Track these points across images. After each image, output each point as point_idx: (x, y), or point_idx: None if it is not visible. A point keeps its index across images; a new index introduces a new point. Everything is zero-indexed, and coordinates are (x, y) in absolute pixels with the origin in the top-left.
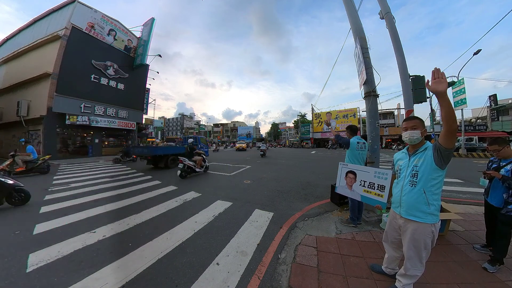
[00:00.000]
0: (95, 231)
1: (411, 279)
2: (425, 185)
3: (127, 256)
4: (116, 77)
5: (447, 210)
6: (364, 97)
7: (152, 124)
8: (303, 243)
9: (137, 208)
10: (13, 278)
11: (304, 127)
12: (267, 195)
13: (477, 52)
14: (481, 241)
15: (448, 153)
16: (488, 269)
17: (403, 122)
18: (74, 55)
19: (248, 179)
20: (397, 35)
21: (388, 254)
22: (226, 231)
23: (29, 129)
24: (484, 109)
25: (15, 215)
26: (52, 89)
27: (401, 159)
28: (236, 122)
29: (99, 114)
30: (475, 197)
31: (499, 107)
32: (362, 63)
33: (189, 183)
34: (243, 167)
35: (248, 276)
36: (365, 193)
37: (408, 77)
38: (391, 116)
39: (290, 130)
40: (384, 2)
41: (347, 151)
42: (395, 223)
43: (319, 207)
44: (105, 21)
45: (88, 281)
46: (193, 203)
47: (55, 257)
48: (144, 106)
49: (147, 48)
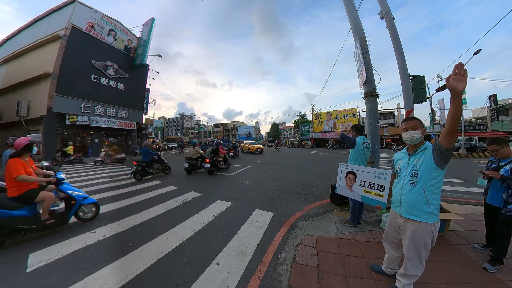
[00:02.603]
0: (95, 231)
1: (411, 279)
2: (425, 184)
3: (127, 256)
4: (116, 77)
5: (447, 210)
6: (364, 97)
7: (152, 124)
8: (303, 243)
9: (137, 208)
10: (13, 278)
11: (304, 127)
12: (267, 195)
13: (477, 52)
14: (481, 241)
15: (447, 153)
16: (488, 269)
17: (403, 123)
18: (74, 55)
19: (248, 179)
20: (397, 35)
21: (388, 254)
22: (226, 231)
23: (29, 129)
24: (484, 109)
25: None
26: (52, 89)
27: (401, 159)
28: (236, 122)
29: (99, 114)
30: (475, 197)
31: (499, 107)
32: (362, 63)
33: (189, 183)
34: (243, 167)
35: (248, 276)
36: (365, 193)
37: (408, 77)
38: (391, 116)
39: (290, 130)
40: (384, 2)
41: (352, 150)
42: (395, 222)
43: (319, 207)
44: (105, 21)
45: (88, 281)
46: (193, 203)
47: (55, 257)
48: (144, 106)
49: (147, 48)
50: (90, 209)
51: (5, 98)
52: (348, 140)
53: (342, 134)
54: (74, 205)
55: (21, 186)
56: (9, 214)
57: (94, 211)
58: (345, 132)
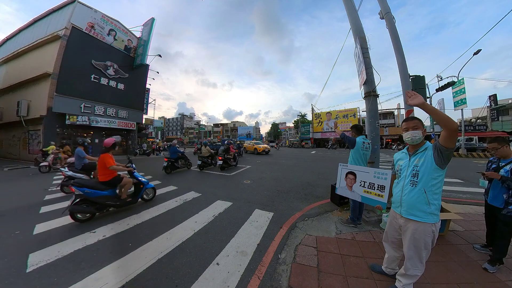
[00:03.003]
0: (95, 231)
1: (411, 279)
2: (425, 184)
3: (127, 256)
4: (116, 77)
5: (447, 210)
6: (364, 97)
7: (152, 124)
8: (303, 243)
9: (137, 208)
10: (13, 278)
11: (304, 127)
12: (267, 195)
13: (477, 52)
14: (481, 241)
15: (448, 153)
16: (488, 269)
17: (403, 123)
18: (74, 55)
19: (248, 179)
20: (397, 35)
21: (388, 254)
22: (226, 231)
23: (29, 129)
24: (484, 109)
25: (15, 215)
26: (52, 89)
27: (401, 159)
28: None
29: (99, 114)
30: (475, 197)
31: (499, 107)
32: (362, 63)
33: (189, 183)
34: (243, 167)
35: (248, 276)
36: (365, 193)
37: (408, 77)
38: (391, 116)
39: (290, 130)
40: (384, 2)
41: (352, 150)
42: (396, 222)
43: (319, 207)
44: (105, 21)
45: (88, 281)
46: (193, 203)
47: (55, 257)
48: (144, 106)
49: (147, 48)
50: (151, 192)
51: (5, 98)
52: (348, 140)
53: (342, 134)
54: (142, 188)
55: (110, 174)
56: (101, 194)
57: (153, 194)
58: (345, 132)
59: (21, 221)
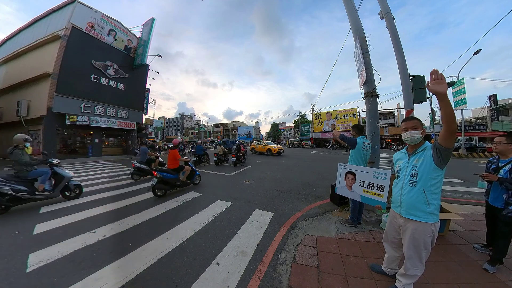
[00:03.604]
0: (95, 231)
1: (411, 279)
2: (424, 184)
3: (127, 256)
4: (116, 77)
5: (447, 210)
6: (364, 97)
7: (152, 124)
8: (303, 243)
9: (137, 208)
10: (13, 278)
11: (304, 127)
12: (267, 195)
13: (477, 52)
14: (481, 241)
15: (447, 153)
16: (488, 269)
17: (403, 123)
18: (74, 55)
19: (248, 179)
20: (397, 35)
21: (388, 254)
22: (226, 231)
23: (29, 129)
24: (484, 109)
25: (15, 215)
26: (52, 89)
27: (400, 159)
28: (236, 122)
29: (99, 114)
30: (475, 197)
31: (499, 107)
32: (362, 63)
33: None
34: (243, 167)
35: (248, 276)
36: (365, 193)
37: (408, 77)
38: (391, 116)
39: (290, 130)
40: (384, 2)
41: (352, 151)
42: (395, 222)
43: (319, 207)
44: (105, 21)
45: (88, 281)
46: (193, 203)
47: (55, 257)
48: (144, 106)
49: (147, 48)
50: (198, 178)
51: (5, 98)
52: (349, 140)
53: (341, 135)
54: (194, 175)
55: (177, 163)
56: (171, 177)
57: (199, 180)
58: (344, 133)
59: (21, 221)
